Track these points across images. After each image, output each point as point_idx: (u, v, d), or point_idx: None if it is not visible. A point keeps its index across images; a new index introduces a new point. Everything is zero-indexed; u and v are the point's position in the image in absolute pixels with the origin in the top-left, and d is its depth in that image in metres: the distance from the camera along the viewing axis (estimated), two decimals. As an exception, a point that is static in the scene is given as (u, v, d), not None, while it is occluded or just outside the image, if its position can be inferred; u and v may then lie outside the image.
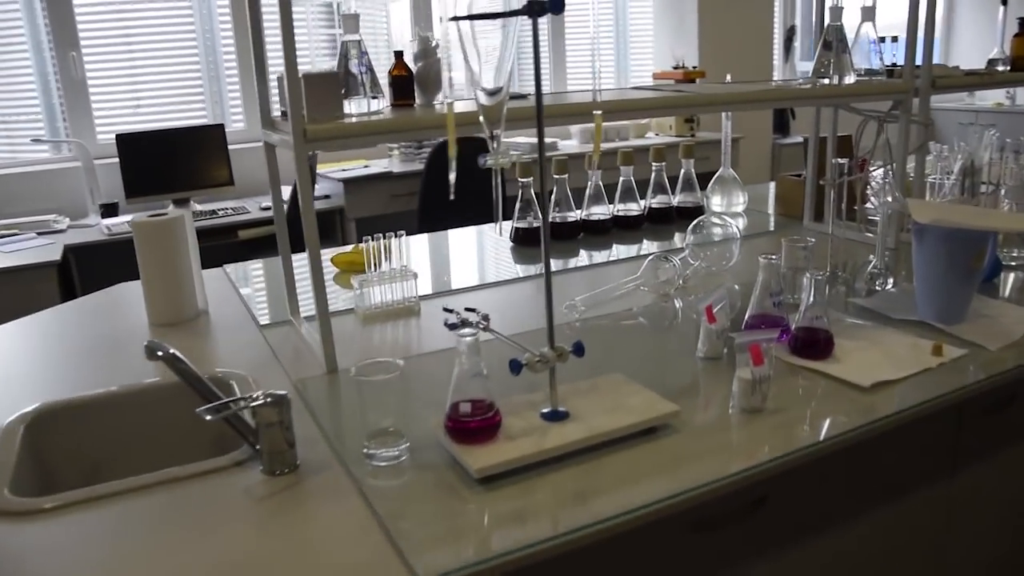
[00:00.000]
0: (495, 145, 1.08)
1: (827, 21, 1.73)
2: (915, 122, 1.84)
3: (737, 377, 1.13)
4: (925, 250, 1.40)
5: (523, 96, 1.48)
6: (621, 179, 2.13)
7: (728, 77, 2.19)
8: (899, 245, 1.84)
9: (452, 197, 0.98)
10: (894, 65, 1.88)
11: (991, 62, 2.01)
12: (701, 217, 1.79)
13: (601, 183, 2.11)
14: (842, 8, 1.72)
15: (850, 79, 1.72)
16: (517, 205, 2.06)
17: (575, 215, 2.10)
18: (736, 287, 1.60)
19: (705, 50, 4.49)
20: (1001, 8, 1.96)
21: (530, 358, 1.05)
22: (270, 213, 3.02)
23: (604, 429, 1.05)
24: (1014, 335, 1.34)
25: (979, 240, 1.35)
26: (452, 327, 1.14)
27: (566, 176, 2.06)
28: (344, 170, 3.64)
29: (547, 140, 1.22)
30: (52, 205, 3.49)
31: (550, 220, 2.10)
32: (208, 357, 1.45)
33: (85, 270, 3.08)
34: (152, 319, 1.64)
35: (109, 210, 3.37)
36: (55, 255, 2.90)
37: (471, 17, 0.98)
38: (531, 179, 2.00)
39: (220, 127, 3.60)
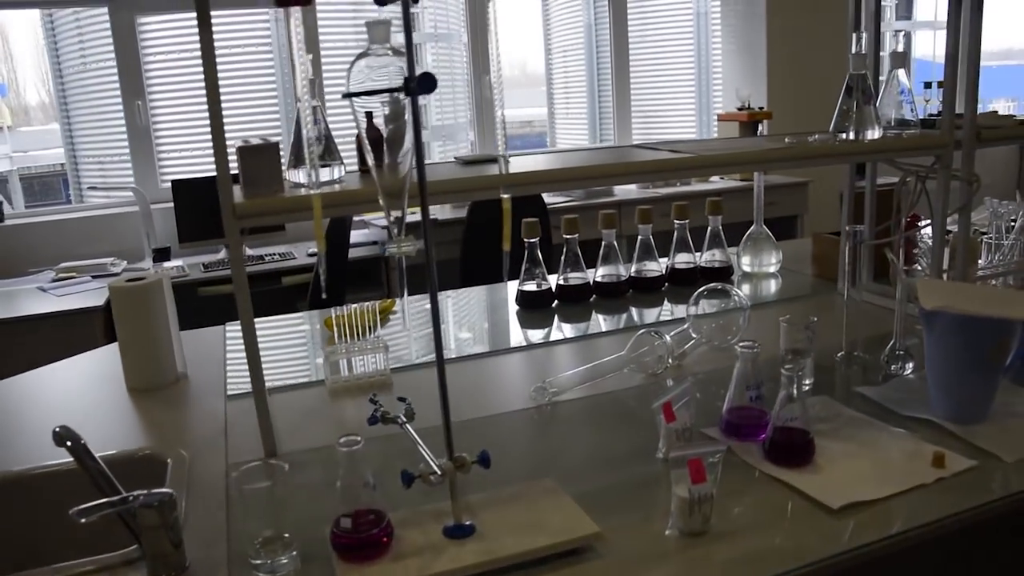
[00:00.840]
0: (396, 231, 1.00)
1: (850, 69, 1.56)
2: (956, 178, 1.63)
3: (674, 494, 0.98)
4: (935, 339, 1.21)
5: (493, 160, 1.39)
6: (640, 238, 1.99)
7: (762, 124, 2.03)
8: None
9: (324, 296, 0.89)
10: (937, 114, 1.68)
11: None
12: (710, 285, 1.63)
13: (615, 243, 1.97)
14: (864, 55, 1.55)
15: (874, 133, 1.54)
16: (523, 265, 1.95)
17: (584, 276, 1.97)
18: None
19: (775, 90, 4.27)
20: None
21: (424, 470, 0.94)
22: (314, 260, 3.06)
23: (506, 552, 0.92)
24: (1041, 442, 1.14)
25: (999, 329, 1.15)
26: (371, 422, 1.06)
27: (576, 235, 1.93)
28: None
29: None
30: (114, 248, 3.61)
31: (558, 281, 1.98)
32: (166, 428, 1.41)
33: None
34: (128, 383, 1.61)
35: (162, 254, 3.45)
36: (100, 300, 2.97)
37: (351, 95, 0.90)
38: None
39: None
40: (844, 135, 1.55)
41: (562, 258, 1.96)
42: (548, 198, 3.90)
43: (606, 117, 5.04)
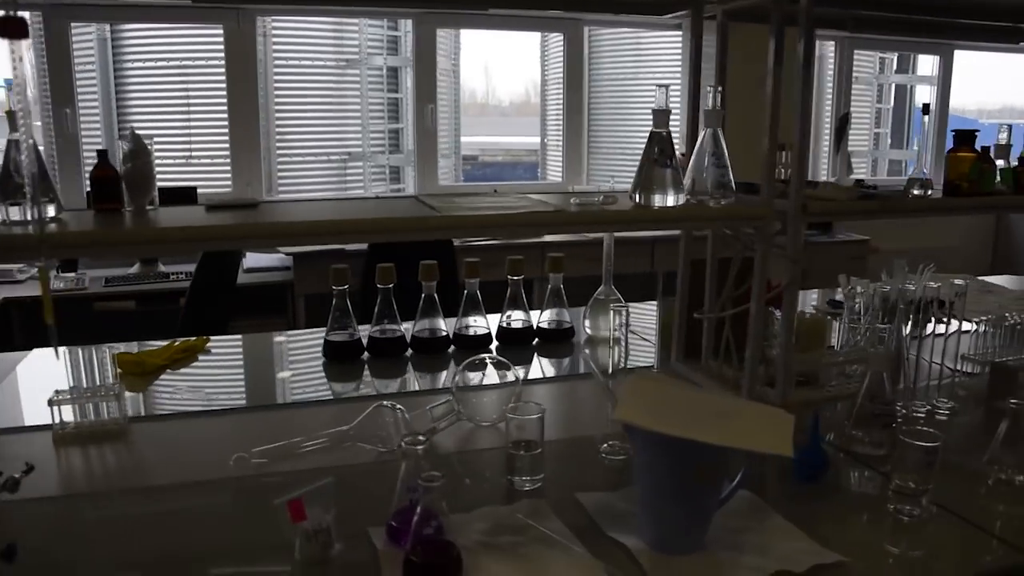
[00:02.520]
0: None
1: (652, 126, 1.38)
2: (780, 255, 1.44)
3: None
4: (638, 453, 1.02)
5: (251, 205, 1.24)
6: (466, 292, 1.82)
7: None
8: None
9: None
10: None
11: (910, 182, 1.57)
12: (483, 355, 1.46)
13: (436, 295, 1.80)
14: (667, 111, 1.37)
15: (671, 199, 1.35)
16: (331, 315, 1.79)
17: (398, 329, 1.81)
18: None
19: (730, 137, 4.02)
20: (923, 118, 1.52)
21: None
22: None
23: None
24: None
25: (704, 450, 0.96)
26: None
27: (390, 286, 1.77)
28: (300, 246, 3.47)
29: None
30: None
31: (369, 333, 1.81)
32: None
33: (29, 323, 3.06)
34: None
35: (68, 264, 3.36)
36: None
37: None
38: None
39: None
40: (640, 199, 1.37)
41: (376, 308, 1.81)
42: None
43: (585, 151, 4.90)
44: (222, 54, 3.96)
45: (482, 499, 1.15)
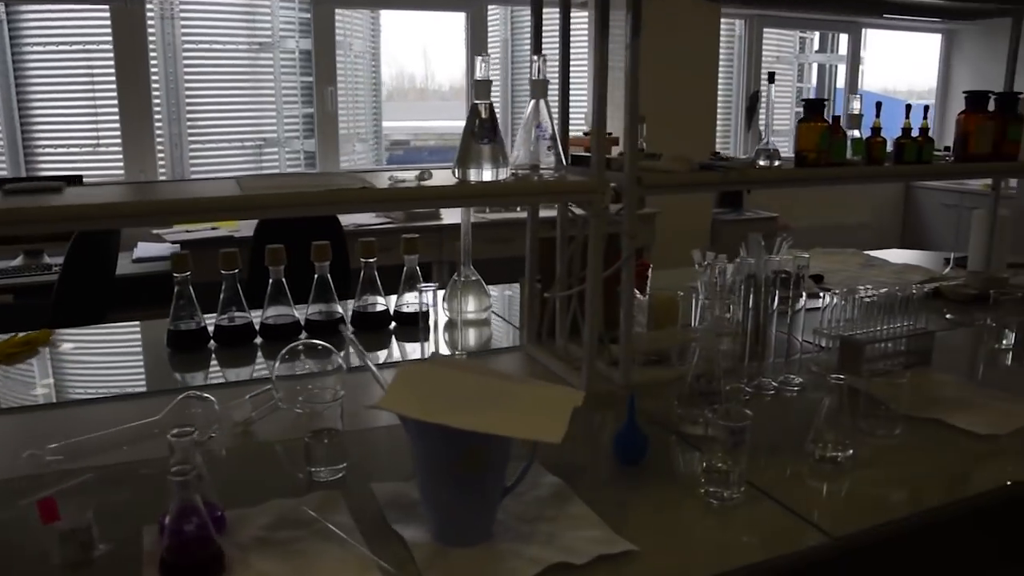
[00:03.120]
0: None
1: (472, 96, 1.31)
2: (614, 230, 1.39)
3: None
4: (412, 443, 0.96)
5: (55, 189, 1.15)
6: (316, 276, 1.74)
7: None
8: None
9: None
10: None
11: (758, 153, 1.53)
12: (308, 341, 1.38)
13: (284, 280, 1.72)
14: (487, 81, 1.30)
15: (489, 173, 1.29)
16: (174, 303, 1.70)
17: (247, 317, 1.72)
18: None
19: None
20: (767, 87, 1.48)
21: None
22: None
23: None
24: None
25: (472, 437, 0.90)
26: None
27: (235, 271, 1.69)
28: (188, 232, 3.35)
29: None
30: None
31: (218, 320, 1.73)
32: None
33: None
34: None
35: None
36: None
37: None
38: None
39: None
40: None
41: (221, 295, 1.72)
42: (364, 219, 3.65)
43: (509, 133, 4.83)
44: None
45: (277, 491, 1.08)
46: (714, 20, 4.14)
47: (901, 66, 5.79)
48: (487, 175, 1.28)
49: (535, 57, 1.35)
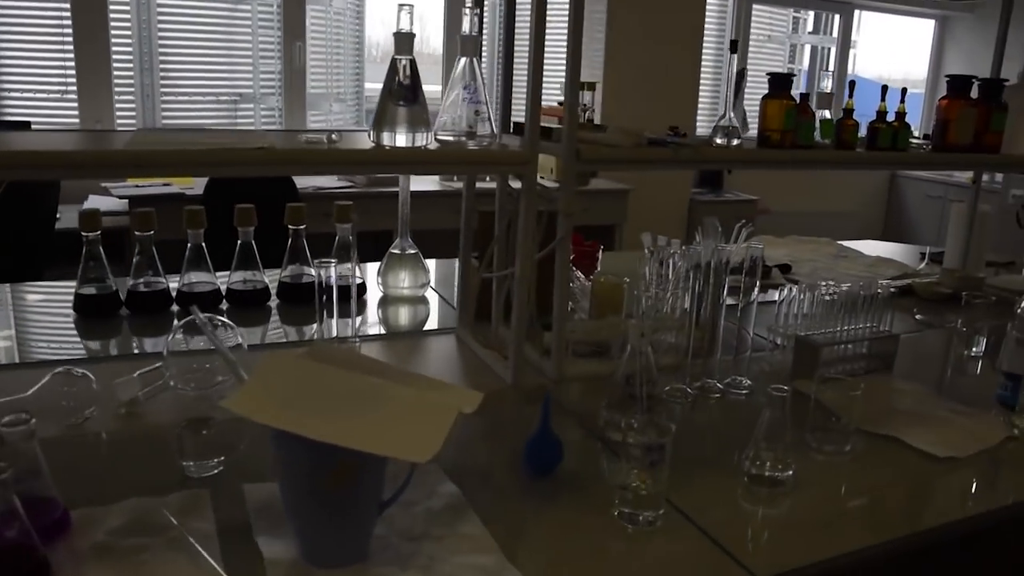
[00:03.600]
0: None
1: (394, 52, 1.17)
2: (545, 207, 1.26)
3: None
4: (274, 449, 0.83)
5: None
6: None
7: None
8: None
9: None
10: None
11: (715, 130, 1.39)
12: (204, 315, 1.24)
13: (204, 245, 1.58)
14: (411, 34, 1.16)
15: (406, 138, 1.15)
16: (82, 264, 1.56)
17: (161, 282, 1.59)
18: None
19: (612, 84, 3.81)
20: (729, 56, 1.34)
21: None
22: None
23: None
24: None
25: (334, 450, 0.77)
26: None
27: (151, 232, 1.55)
28: (138, 187, 3.18)
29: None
30: None
31: (132, 285, 1.59)
32: None
33: None
34: None
35: None
36: None
37: None
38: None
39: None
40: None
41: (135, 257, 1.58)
42: (324, 182, 3.49)
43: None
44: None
45: (141, 487, 0.95)
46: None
47: (896, 52, 5.64)
48: (402, 140, 1.14)
49: (466, 9, 1.21)
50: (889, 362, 1.46)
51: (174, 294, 1.61)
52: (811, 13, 5.25)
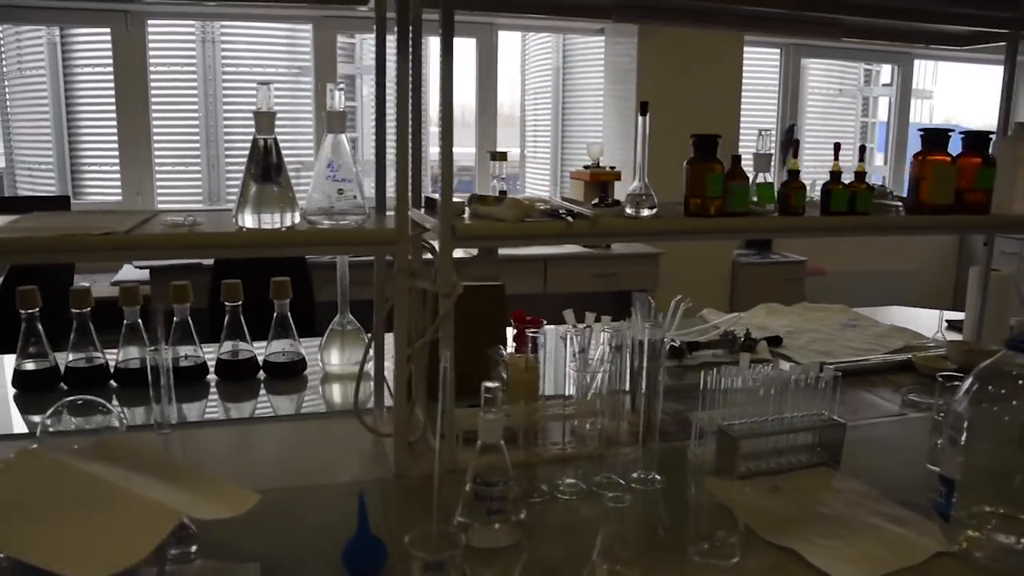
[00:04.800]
0: None
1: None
2: (424, 286, 1.19)
3: None
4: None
5: None
6: (175, 319, 1.60)
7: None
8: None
9: None
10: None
11: (628, 198, 1.28)
12: (84, 397, 1.22)
13: (141, 321, 1.59)
14: (270, 113, 1.13)
15: (272, 219, 1.11)
16: (21, 339, 1.59)
17: (101, 357, 1.60)
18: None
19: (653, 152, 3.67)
20: (638, 119, 1.25)
21: None
22: None
23: None
24: None
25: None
26: None
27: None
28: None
29: None
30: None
31: (70, 361, 1.61)
32: None
33: None
34: None
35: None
36: None
37: None
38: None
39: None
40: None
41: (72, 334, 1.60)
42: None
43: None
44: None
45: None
46: (737, 48, 3.80)
47: (974, 99, 5.29)
48: (267, 220, 1.11)
49: (331, 85, 1.17)
50: (836, 454, 1.29)
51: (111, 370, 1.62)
52: (886, 65, 5.00)
